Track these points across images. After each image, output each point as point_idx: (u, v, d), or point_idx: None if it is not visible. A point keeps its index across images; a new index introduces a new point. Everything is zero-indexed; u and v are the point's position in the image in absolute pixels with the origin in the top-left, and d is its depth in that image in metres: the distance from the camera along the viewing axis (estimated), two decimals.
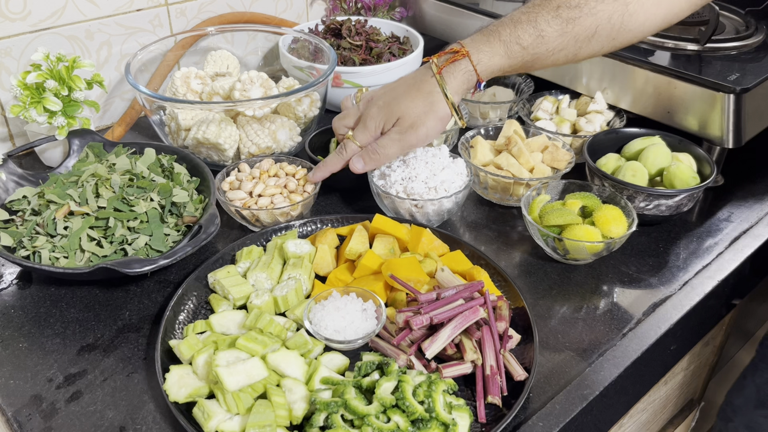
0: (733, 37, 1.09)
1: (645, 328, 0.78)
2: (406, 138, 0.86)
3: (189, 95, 1.08)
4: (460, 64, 0.84)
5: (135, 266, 0.75)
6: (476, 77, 0.84)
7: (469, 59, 0.83)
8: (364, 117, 0.89)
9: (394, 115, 0.86)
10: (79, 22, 1.09)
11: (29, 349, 0.76)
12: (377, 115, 0.87)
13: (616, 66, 1.05)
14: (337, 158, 0.91)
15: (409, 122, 0.85)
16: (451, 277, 0.78)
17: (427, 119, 0.85)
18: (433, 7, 1.32)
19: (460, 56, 0.83)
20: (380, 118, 0.87)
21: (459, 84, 0.85)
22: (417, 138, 0.86)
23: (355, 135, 0.90)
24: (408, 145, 0.87)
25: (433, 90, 0.85)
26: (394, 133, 0.87)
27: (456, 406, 0.65)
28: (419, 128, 0.85)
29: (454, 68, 0.84)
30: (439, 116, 0.86)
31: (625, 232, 0.84)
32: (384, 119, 0.87)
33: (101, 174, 0.88)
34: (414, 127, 0.85)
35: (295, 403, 0.65)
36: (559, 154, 0.98)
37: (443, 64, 0.84)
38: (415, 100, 0.85)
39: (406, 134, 0.86)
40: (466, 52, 0.83)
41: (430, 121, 0.85)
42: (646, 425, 1.15)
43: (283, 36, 1.24)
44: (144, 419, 0.67)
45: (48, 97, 0.96)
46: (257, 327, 0.72)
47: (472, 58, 0.83)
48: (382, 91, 0.90)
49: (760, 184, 1.05)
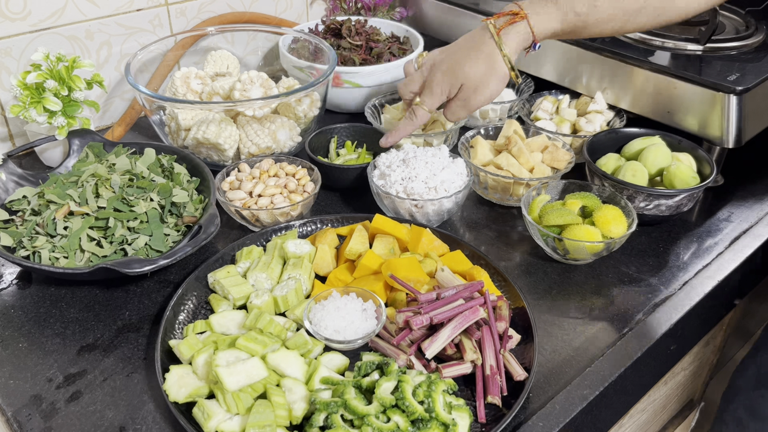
0: (733, 37, 1.09)
1: (645, 328, 0.78)
2: (471, 102, 0.92)
3: (189, 95, 1.08)
4: (518, 26, 0.87)
5: (135, 266, 0.75)
6: (532, 38, 0.88)
7: (527, 21, 0.87)
8: (429, 82, 0.93)
9: (458, 80, 0.91)
10: (79, 22, 1.09)
11: (29, 349, 0.76)
12: (442, 81, 0.92)
13: (616, 66, 1.05)
14: (409, 123, 0.97)
15: (473, 86, 0.90)
16: (451, 277, 0.78)
17: (489, 81, 0.90)
18: (433, 7, 1.32)
19: (519, 18, 0.87)
20: (445, 83, 0.92)
21: (516, 45, 0.88)
22: (482, 99, 0.92)
23: (422, 100, 0.94)
24: (475, 108, 0.93)
25: (492, 52, 0.88)
26: (460, 99, 0.92)
27: (456, 406, 0.65)
28: (483, 91, 0.91)
29: (512, 29, 0.88)
30: (500, 77, 0.90)
31: (625, 232, 0.84)
32: (449, 85, 0.92)
33: (101, 174, 0.88)
34: (477, 90, 0.91)
35: (295, 403, 0.65)
36: (559, 154, 0.98)
37: (502, 25, 0.88)
38: (476, 64, 0.89)
39: (471, 98, 0.91)
40: (525, 15, 0.87)
41: (492, 83, 0.90)
42: (646, 425, 1.15)
43: (283, 36, 1.24)
44: (144, 419, 0.67)
45: (48, 97, 0.96)
46: (257, 327, 0.72)
47: (530, 20, 0.87)
48: (443, 55, 0.93)
49: (760, 184, 1.05)
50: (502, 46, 0.87)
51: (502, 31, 0.88)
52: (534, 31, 0.87)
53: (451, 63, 0.91)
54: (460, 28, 1.28)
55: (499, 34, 0.88)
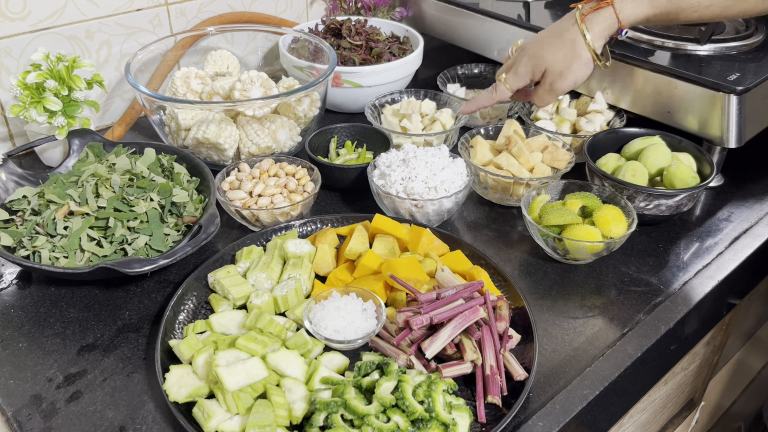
0: (733, 37, 1.09)
1: (645, 328, 0.78)
2: (556, 87, 0.95)
3: (189, 95, 1.08)
4: (604, 12, 0.88)
5: (135, 266, 0.75)
6: (618, 25, 0.88)
7: (613, 7, 0.87)
8: (516, 64, 0.97)
9: (542, 66, 0.94)
10: (79, 22, 1.09)
11: (29, 349, 0.76)
12: (527, 64, 0.95)
13: (616, 66, 1.05)
14: (488, 96, 1.01)
15: (558, 71, 0.93)
16: (451, 277, 0.78)
17: (572, 66, 0.92)
18: (433, 7, 1.32)
19: (604, 4, 0.88)
20: (529, 67, 0.95)
21: (601, 30, 0.89)
22: (566, 85, 0.94)
23: (507, 79, 0.98)
24: (561, 92, 0.96)
25: (575, 38, 0.90)
26: (546, 84, 0.95)
27: (456, 405, 0.65)
28: (567, 76, 0.93)
29: (597, 16, 0.89)
30: (583, 62, 0.92)
31: (625, 232, 0.84)
32: (532, 69, 0.95)
33: (101, 174, 0.88)
34: (562, 75, 0.93)
35: (295, 403, 0.65)
36: (559, 154, 0.98)
37: (587, 11, 0.89)
38: (559, 51, 0.92)
39: (556, 83, 0.94)
40: (610, 1, 0.87)
41: (576, 68, 0.92)
42: (646, 425, 1.15)
43: (283, 36, 1.24)
44: (144, 419, 0.67)
45: (48, 97, 0.96)
46: (257, 327, 0.72)
47: (615, 6, 0.87)
48: (532, 41, 0.96)
49: (760, 184, 1.05)
50: (585, 33, 0.89)
51: (587, 17, 0.89)
52: (620, 17, 0.87)
53: (536, 48, 0.94)
54: (460, 28, 1.28)
55: (584, 20, 0.89)
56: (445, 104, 1.14)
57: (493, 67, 1.27)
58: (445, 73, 1.25)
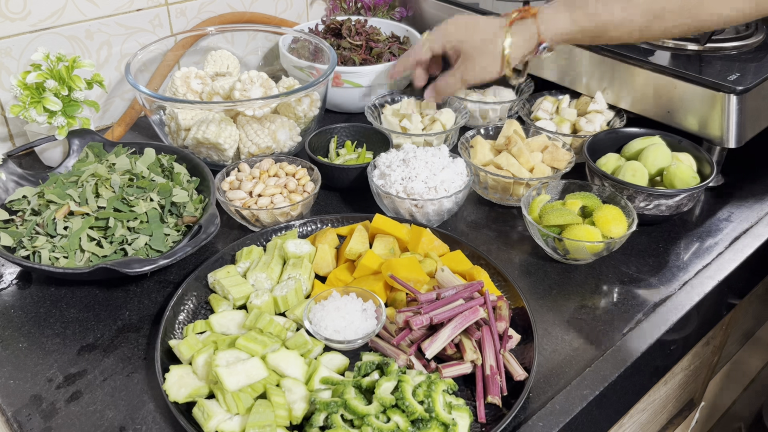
0: (733, 37, 1.09)
1: (645, 328, 0.78)
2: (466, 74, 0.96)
3: (189, 95, 1.08)
4: (526, 22, 0.89)
5: (135, 266, 0.75)
6: (537, 38, 0.89)
7: (535, 19, 0.88)
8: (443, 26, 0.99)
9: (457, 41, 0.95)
10: (79, 22, 1.09)
11: (29, 349, 0.76)
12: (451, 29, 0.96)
13: (616, 66, 1.05)
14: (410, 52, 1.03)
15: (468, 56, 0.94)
16: (451, 277, 0.78)
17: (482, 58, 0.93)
18: (433, 7, 1.32)
19: (528, 15, 0.89)
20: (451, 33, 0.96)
21: (520, 41, 0.90)
22: (473, 75, 0.95)
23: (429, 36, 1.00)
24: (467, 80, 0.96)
25: (495, 37, 0.91)
26: (456, 70, 0.97)
27: (456, 406, 0.65)
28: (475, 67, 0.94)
29: (521, 24, 0.90)
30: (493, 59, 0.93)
31: (625, 232, 0.84)
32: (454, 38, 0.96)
33: (101, 174, 0.88)
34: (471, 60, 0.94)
35: (295, 403, 0.65)
36: (559, 154, 0.98)
37: (514, 18, 0.90)
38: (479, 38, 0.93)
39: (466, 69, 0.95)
40: (534, 12, 0.88)
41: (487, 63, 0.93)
42: (646, 425, 1.15)
43: (283, 36, 1.24)
44: (144, 419, 0.67)
45: (48, 97, 0.96)
46: (257, 327, 0.72)
47: (537, 18, 0.88)
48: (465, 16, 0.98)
49: (760, 184, 1.05)
50: (507, 36, 0.89)
51: (514, 23, 0.89)
52: (540, 29, 0.87)
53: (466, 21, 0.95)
54: None
55: (511, 24, 0.89)
56: (445, 104, 1.14)
57: None
58: None
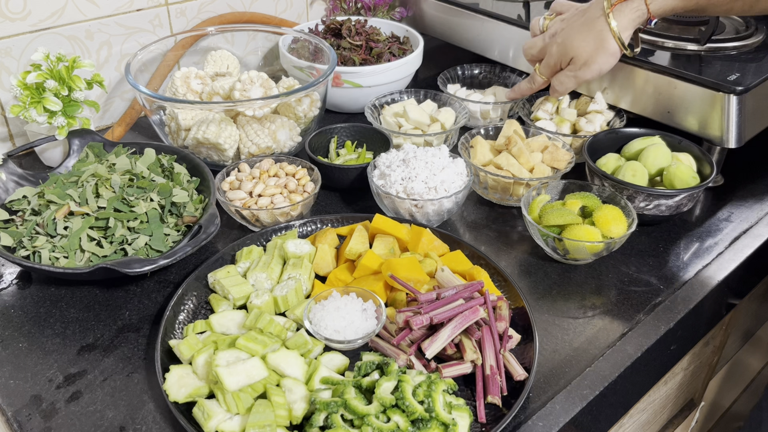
0: (733, 37, 1.09)
1: (645, 328, 0.78)
2: (580, 74, 0.97)
3: (189, 95, 1.08)
4: (633, 2, 0.89)
5: (135, 266, 0.75)
6: (647, 14, 0.90)
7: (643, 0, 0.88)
8: (548, 53, 1.00)
9: (569, 54, 0.96)
10: (79, 22, 1.09)
11: (29, 349, 0.76)
12: (556, 54, 0.98)
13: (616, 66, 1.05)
14: (528, 87, 1.07)
15: (582, 60, 0.95)
16: (451, 277, 0.78)
17: (599, 58, 0.94)
18: (433, 7, 1.32)
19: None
20: (558, 57, 0.98)
21: (629, 21, 0.90)
22: (590, 74, 0.97)
23: (540, 69, 1.03)
24: (583, 80, 0.98)
25: (602, 29, 0.92)
26: (569, 71, 0.98)
27: (456, 405, 0.65)
28: (592, 65, 0.95)
29: (625, 6, 0.90)
30: (610, 53, 0.94)
31: (625, 232, 0.84)
32: (561, 56, 0.98)
33: (101, 174, 0.88)
34: (587, 64, 0.95)
35: (295, 403, 0.65)
36: (559, 154, 0.98)
37: (615, 1, 0.89)
38: (586, 39, 0.94)
39: (580, 71, 0.97)
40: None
41: (601, 59, 0.94)
42: (646, 425, 1.15)
43: (283, 36, 1.24)
44: (144, 419, 0.67)
45: (48, 97, 0.96)
46: (257, 327, 0.72)
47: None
48: (563, 25, 0.98)
49: (760, 184, 1.05)
50: (612, 24, 0.89)
51: (615, 7, 0.89)
52: (650, 8, 0.88)
53: (565, 38, 0.96)
54: (460, 28, 1.28)
55: (613, 9, 0.89)
56: (445, 104, 1.15)
57: (493, 67, 1.27)
58: (445, 73, 1.25)
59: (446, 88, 1.21)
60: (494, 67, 1.27)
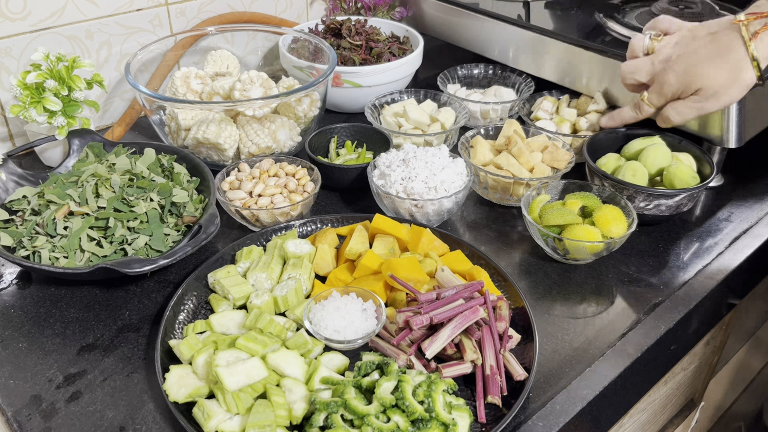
0: None
1: (645, 328, 0.78)
2: (706, 106, 0.87)
3: (189, 95, 1.08)
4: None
5: (135, 266, 0.75)
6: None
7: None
8: (661, 82, 0.88)
9: (695, 85, 0.85)
10: (79, 22, 1.09)
11: (29, 349, 0.76)
12: (675, 83, 0.87)
13: (616, 66, 1.05)
14: (632, 115, 0.95)
15: (712, 92, 0.85)
16: (451, 277, 0.78)
17: (731, 89, 0.84)
18: (433, 7, 1.32)
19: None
20: (678, 86, 0.87)
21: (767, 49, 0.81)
22: (718, 106, 0.86)
23: (650, 98, 0.91)
24: (706, 112, 0.87)
25: (741, 59, 0.82)
26: (693, 101, 0.87)
27: (456, 405, 0.65)
28: (722, 98, 0.85)
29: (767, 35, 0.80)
30: (744, 86, 0.84)
31: (625, 232, 0.84)
32: (682, 88, 0.87)
33: (101, 174, 0.88)
34: (717, 96, 0.85)
35: (295, 403, 0.65)
36: (559, 154, 0.98)
37: (760, 29, 0.80)
38: (719, 70, 0.83)
39: (708, 102, 0.86)
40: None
41: (735, 91, 0.84)
42: (646, 425, 1.15)
43: (283, 36, 1.24)
44: (144, 419, 0.67)
45: (48, 97, 0.96)
46: (257, 327, 0.72)
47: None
48: (679, 51, 0.86)
49: (760, 184, 1.05)
50: (755, 54, 0.80)
51: (758, 36, 0.80)
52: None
53: (689, 65, 0.85)
54: (460, 28, 1.28)
55: (756, 38, 0.80)
56: (445, 104, 1.15)
57: (493, 67, 1.27)
58: (445, 73, 1.25)
59: (446, 88, 1.21)
60: (494, 67, 1.27)
